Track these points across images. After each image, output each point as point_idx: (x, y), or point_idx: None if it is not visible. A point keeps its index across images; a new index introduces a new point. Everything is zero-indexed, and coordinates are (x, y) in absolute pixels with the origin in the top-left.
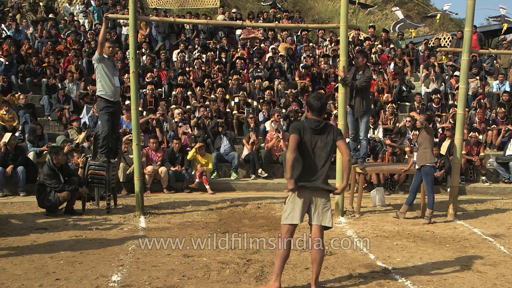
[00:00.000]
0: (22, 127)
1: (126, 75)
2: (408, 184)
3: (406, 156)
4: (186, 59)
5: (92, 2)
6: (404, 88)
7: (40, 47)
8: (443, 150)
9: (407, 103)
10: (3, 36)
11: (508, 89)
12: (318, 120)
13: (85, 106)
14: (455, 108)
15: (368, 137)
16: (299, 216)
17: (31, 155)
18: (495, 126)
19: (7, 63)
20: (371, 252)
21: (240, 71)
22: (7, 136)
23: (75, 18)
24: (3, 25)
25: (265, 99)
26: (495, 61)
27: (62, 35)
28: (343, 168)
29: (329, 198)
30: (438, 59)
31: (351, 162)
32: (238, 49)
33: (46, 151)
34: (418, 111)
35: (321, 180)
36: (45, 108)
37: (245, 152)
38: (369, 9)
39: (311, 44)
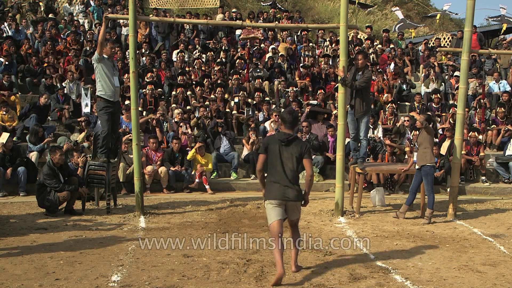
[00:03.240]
0: (23, 127)
1: (126, 75)
2: (408, 184)
3: (406, 156)
4: (186, 59)
5: (92, 2)
6: (404, 87)
7: (40, 47)
8: (443, 150)
9: (407, 103)
10: (4, 36)
11: (508, 88)
12: (288, 134)
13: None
14: (455, 108)
15: (368, 137)
16: (280, 213)
17: (33, 156)
18: (495, 126)
19: (7, 63)
20: (371, 252)
21: (240, 71)
22: (4, 136)
23: (75, 18)
24: (5, 24)
25: (255, 101)
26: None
27: (62, 35)
28: (306, 182)
29: (301, 198)
30: (438, 59)
31: (313, 179)
32: (238, 49)
33: (46, 149)
34: (418, 111)
35: (292, 188)
36: (51, 108)
37: (245, 152)
38: (369, 9)
39: (311, 44)
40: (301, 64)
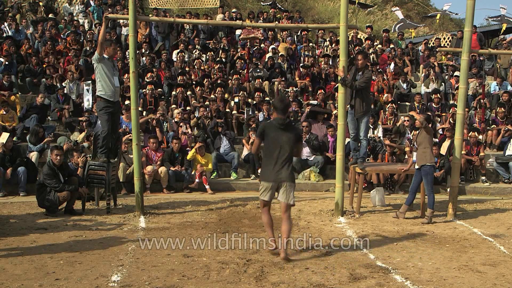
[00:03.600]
0: (23, 127)
1: (126, 75)
2: (408, 184)
3: (406, 156)
4: (186, 59)
5: (92, 2)
6: (405, 86)
7: (40, 47)
8: (443, 150)
9: (407, 103)
10: (4, 36)
11: (509, 88)
12: (283, 119)
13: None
14: (455, 108)
15: (368, 137)
16: (268, 195)
17: (33, 156)
18: (495, 126)
19: (7, 63)
20: (371, 252)
21: (240, 71)
22: (4, 136)
23: (75, 18)
24: (5, 24)
25: (255, 101)
26: (497, 61)
27: (62, 35)
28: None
29: (294, 180)
30: (438, 59)
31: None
32: (238, 49)
33: (46, 149)
34: (418, 111)
35: (285, 169)
36: (51, 108)
37: (245, 152)
38: (369, 9)
39: (311, 44)
40: (301, 64)
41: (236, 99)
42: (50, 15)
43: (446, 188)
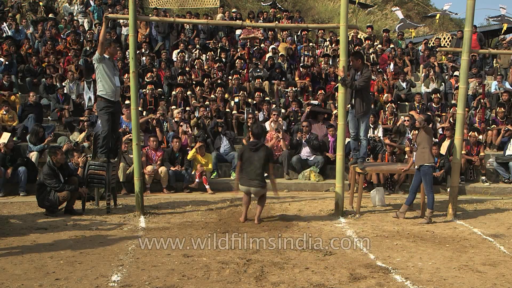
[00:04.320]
0: (23, 127)
1: (126, 75)
2: (408, 184)
3: (406, 156)
4: (186, 59)
5: (92, 2)
6: (404, 85)
7: (40, 47)
8: (443, 150)
9: (406, 103)
10: (4, 36)
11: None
12: (256, 142)
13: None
14: (455, 108)
15: (368, 137)
16: (247, 192)
17: (33, 156)
18: (495, 126)
19: (7, 63)
20: (371, 252)
21: (240, 71)
22: (5, 136)
23: (75, 18)
24: (5, 24)
25: (255, 101)
26: (494, 61)
27: (62, 35)
28: (271, 180)
29: (264, 186)
30: (438, 59)
31: (273, 178)
32: (238, 49)
33: (46, 149)
34: (418, 111)
35: (257, 180)
36: (51, 108)
37: None
38: (369, 9)
39: (311, 44)
40: (301, 64)
41: (236, 99)
42: (50, 15)
43: (446, 188)
